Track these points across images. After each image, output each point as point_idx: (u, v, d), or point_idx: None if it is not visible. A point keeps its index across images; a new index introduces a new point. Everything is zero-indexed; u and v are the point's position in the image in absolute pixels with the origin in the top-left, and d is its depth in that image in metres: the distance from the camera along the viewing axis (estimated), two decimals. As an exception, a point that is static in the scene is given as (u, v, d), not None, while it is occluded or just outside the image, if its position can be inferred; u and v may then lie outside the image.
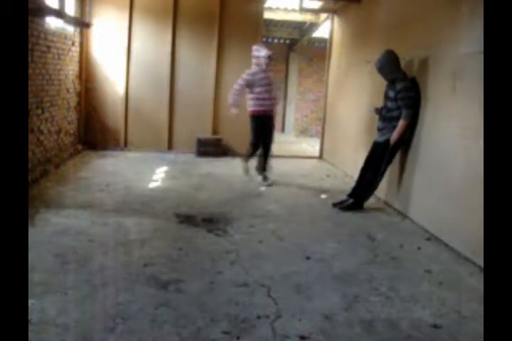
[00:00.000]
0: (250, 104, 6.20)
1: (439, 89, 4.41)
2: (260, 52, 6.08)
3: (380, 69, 4.84)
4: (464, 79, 3.97)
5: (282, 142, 11.29)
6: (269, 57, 6.08)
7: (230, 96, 6.26)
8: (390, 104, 4.82)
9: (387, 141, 4.84)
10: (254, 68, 6.12)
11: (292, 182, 6.48)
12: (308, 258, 3.64)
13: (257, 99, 6.12)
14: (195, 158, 7.88)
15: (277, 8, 9.42)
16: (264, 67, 6.06)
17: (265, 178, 6.27)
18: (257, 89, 6.09)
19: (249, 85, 6.09)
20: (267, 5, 8.73)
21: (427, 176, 4.54)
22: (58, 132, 6.71)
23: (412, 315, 2.83)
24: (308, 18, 9.91)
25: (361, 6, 7.04)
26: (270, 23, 10.90)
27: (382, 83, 5.08)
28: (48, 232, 3.87)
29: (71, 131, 7.45)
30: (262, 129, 6.26)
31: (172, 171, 6.75)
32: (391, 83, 4.82)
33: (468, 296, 3.13)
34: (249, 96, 6.19)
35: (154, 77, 8.08)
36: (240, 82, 6.10)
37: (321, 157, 8.76)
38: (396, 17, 5.57)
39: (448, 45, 4.26)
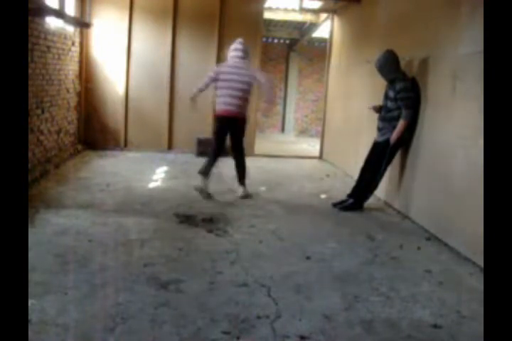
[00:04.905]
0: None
1: (439, 89, 4.41)
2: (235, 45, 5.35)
3: (379, 69, 4.84)
4: (464, 79, 3.97)
5: (282, 142, 11.34)
6: (239, 50, 5.24)
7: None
8: (389, 104, 4.82)
9: (387, 141, 4.84)
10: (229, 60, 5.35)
11: (292, 182, 6.48)
12: (308, 258, 3.64)
13: (218, 96, 5.31)
14: (195, 158, 7.87)
15: (277, 8, 9.44)
16: (230, 61, 5.28)
17: (243, 188, 5.42)
18: (220, 84, 5.24)
19: (216, 78, 5.25)
20: (267, 5, 8.73)
21: (427, 176, 4.54)
22: (58, 132, 6.71)
23: (412, 315, 2.83)
24: (308, 18, 9.92)
25: (361, 6, 7.04)
26: (270, 23, 10.90)
27: (382, 83, 5.08)
28: (48, 232, 3.86)
29: (71, 131, 7.45)
30: (222, 134, 5.39)
31: (172, 171, 6.75)
32: (391, 83, 4.82)
33: (468, 296, 3.13)
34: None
35: (154, 77, 8.07)
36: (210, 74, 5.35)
37: (321, 157, 8.76)
38: (396, 17, 5.57)
39: (448, 45, 4.26)
